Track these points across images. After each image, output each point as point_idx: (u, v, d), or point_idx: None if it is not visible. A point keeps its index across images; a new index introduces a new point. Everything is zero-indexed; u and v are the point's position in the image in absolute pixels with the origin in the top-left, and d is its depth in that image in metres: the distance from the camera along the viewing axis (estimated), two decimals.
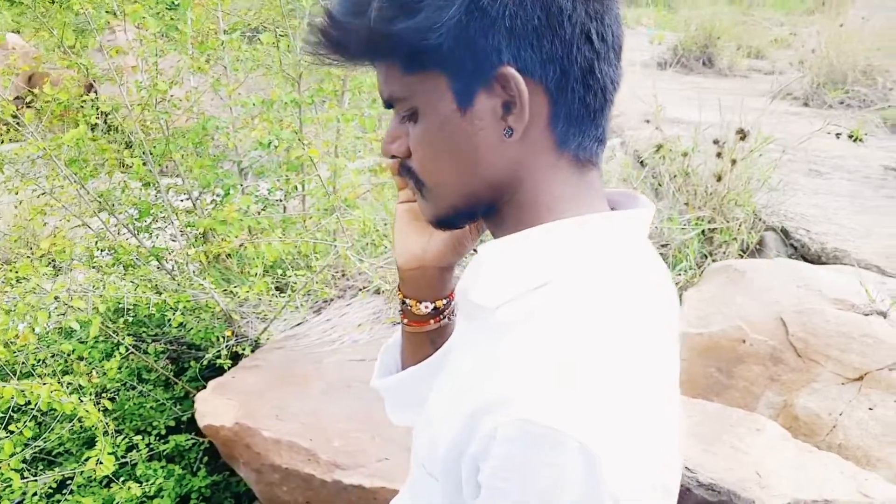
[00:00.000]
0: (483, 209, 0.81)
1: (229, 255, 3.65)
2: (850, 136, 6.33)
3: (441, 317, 1.01)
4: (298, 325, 3.75)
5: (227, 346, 3.39)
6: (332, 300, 3.90)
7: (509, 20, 0.68)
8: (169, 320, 3.32)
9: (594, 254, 0.76)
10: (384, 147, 0.84)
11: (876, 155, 6.56)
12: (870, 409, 2.40)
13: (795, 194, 4.33)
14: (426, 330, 1.01)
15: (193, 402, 3.47)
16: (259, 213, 4.05)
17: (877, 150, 6.73)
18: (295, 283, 3.15)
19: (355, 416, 2.84)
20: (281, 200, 4.21)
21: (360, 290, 3.99)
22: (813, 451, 2.29)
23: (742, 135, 3.74)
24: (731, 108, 4.28)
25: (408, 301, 1.00)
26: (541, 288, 0.75)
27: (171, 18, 3.87)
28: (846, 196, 4.96)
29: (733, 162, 3.86)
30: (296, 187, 3.94)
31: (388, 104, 0.81)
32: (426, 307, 0.99)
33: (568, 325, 0.70)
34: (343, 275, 4.00)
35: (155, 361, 3.53)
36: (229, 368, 3.34)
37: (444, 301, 1.00)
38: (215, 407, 2.88)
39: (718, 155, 3.90)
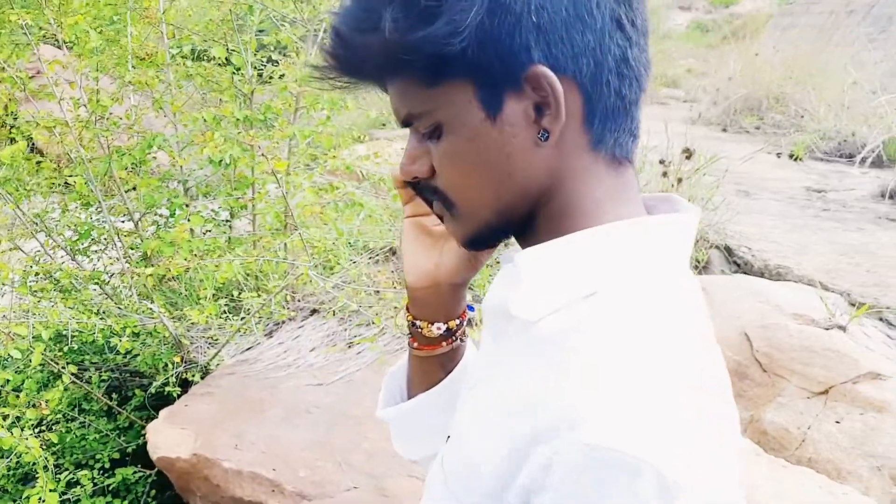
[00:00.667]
0: (518, 222, 0.73)
1: (175, 277, 3.44)
2: (791, 156, 6.51)
3: (453, 338, 0.91)
4: (249, 349, 3.56)
5: (175, 373, 3.17)
6: (283, 323, 3.72)
7: (535, 15, 0.62)
8: (113, 347, 3.08)
9: (640, 261, 0.69)
10: (404, 169, 0.75)
11: (796, 176, 6.77)
12: (837, 422, 2.38)
13: (732, 214, 4.39)
14: (437, 353, 0.92)
15: (140, 432, 3.24)
16: (205, 234, 3.85)
17: (796, 172, 6.96)
18: (250, 305, 2.97)
19: (318, 444, 2.67)
20: (228, 221, 4.02)
21: (313, 311, 3.83)
22: (787, 466, 2.26)
23: (688, 154, 3.76)
24: (660, 133, 4.34)
25: (418, 323, 0.90)
26: (588, 298, 0.67)
27: (112, 33, 3.65)
28: (777, 216, 5.07)
29: (679, 181, 3.87)
30: (245, 206, 3.76)
31: (406, 122, 0.73)
32: (438, 328, 0.89)
33: (627, 341, 0.62)
34: (294, 296, 3.83)
35: (96, 390, 3.28)
36: (178, 396, 3.13)
37: (457, 321, 0.91)
38: (169, 437, 2.67)
39: (664, 174, 3.91)
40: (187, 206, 3.72)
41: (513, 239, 0.78)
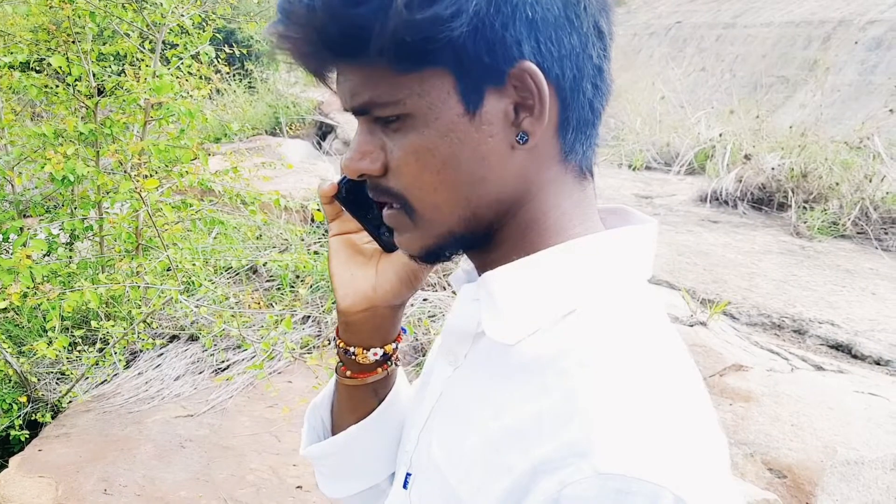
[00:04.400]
0: (480, 233, 0.66)
1: (17, 308, 3.04)
2: (630, 166, 6.86)
3: (389, 363, 0.83)
4: (105, 382, 3.21)
5: (21, 414, 2.80)
6: (140, 351, 3.39)
7: (530, 9, 0.57)
8: None
9: (612, 276, 0.65)
10: (351, 164, 0.64)
11: (624, 185, 7.18)
12: None
13: None
14: (371, 381, 0.83)
15: None
16: (43, 258, 3.45)
17: (623, 181, 7.38)
18: (108, 335, 2.67)
19: (198, 481, 2.45)
20: (69, 243, 3.62)
21: (173, 337, 3.53)
22: None
23: None
24: None
25: (352, 350, 0.80)
26: (567, 317, 0.62)
27: None
28: None
29: None
30: (90, 228, 3.40)
31: (362, 110, 0.63)
32: (375, 354, 0.80)
33: (625, 360, 0.57)
34: (149, 322, 3.51)
35: None
36: (27, 440, 2.76)
37: (394, 345, 0.83)
38: (25, 489, 2.33)
39: None
40: (22, 229, 3.31)
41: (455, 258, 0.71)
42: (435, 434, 0.71)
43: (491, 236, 0.66)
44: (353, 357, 0.80)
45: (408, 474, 0.75)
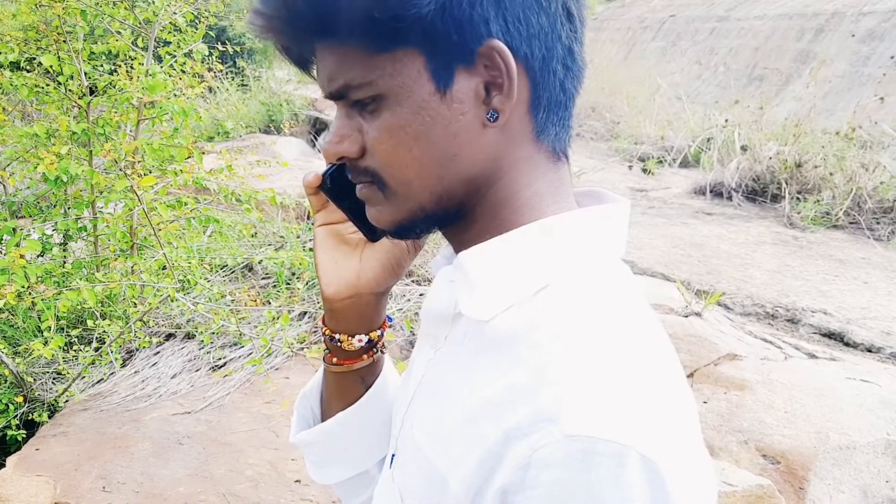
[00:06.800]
0: (453, 210, 0.68)
1: (12, 309, 3.06)
2: (644, 170, 6.88)
3: (374, 350, 0.86)
4: (101, 381, 3.23)
5: (18, 414, 2.81)
6: (136, 350, 3.41)
7: None
8: None
9: (586, 252, 0.66)
10: (331, 148, 0.67)
11: (619, 178, 7.22)
12: (704, 402, 2.52)
13: None
14: (357, 367, 0.85)
15: None
16: (36, 258, 3.47)
17: (617, 175, 7.41)
18: (105, 333, 2.68)
19: (197, 477, 2.47)
20: (63, 244, 3.64)
21: (169, 336, 3.54)
22: None
23: None
24: None
25: (338, 336, 0.83)
26: (540, 292, 0.64)
27: None
28: None
29: None
30: (84, 228, 3.42)
31: (338, 94, 0.65)
32: (360, 341, 0.83)
33: (593, 331, 0.59)
34: (145, 321, 3.52)
35: None
36: (24, 440, 2.78)
37: (379, 332, 0.85)
38: (22, 488, 2.35)
39: None
40: (15, 230, 3.33)
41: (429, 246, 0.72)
42: (417, 415, 0.73)
43: (464, 214, 0.68)
44: (339, 344, 0.82)
45: (393, 455, 0.78)
